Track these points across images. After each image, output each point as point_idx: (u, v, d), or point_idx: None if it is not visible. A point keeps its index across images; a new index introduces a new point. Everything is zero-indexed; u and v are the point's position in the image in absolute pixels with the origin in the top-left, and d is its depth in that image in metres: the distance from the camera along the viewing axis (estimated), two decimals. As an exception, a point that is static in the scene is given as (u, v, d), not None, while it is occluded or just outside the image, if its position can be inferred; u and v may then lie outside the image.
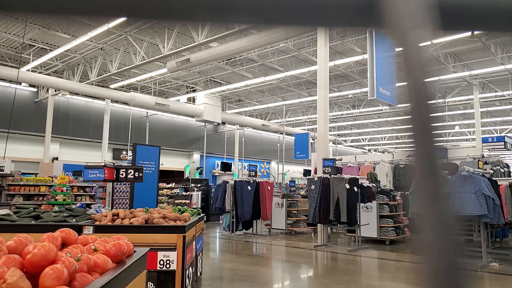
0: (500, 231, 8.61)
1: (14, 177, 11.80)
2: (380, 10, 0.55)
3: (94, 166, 6.54)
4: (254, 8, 0.60)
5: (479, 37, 12.24)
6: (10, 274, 1.33)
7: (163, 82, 20.13)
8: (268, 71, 17.29)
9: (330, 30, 10.75)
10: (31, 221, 3.93)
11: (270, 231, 11.41)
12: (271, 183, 11.22)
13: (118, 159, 20.75)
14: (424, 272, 0.49)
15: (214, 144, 25.35)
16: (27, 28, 13.13)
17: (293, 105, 23.33)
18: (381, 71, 8.64)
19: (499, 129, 27.00)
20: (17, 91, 16.96)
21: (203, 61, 13.76)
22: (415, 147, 0.52)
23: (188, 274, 4.13)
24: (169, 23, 6.59)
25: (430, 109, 0.52)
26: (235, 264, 6.70)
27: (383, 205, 9.55)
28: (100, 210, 4.75)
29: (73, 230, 2.02)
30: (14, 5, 0.58)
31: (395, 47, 0.56)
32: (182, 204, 13.06)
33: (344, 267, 5.61)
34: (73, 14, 0.60)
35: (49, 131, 18.34)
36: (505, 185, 7.29)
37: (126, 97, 18.05)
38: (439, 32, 0.59)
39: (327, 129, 9.74)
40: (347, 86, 19.06)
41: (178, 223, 4.11)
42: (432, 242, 0.50)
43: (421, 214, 0.51)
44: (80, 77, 16.84)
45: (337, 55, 15.00)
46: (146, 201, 8.38)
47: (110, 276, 1.67)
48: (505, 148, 13.15)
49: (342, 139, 33.13)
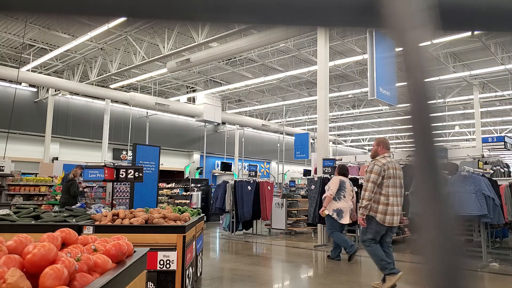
0: (500, 231, 8.61)
1: (14, 177, 11.81)
2: (380, 10, 0.55)
3: (94, 166, 6.54)
4: (254, 8, 0.60)
5: (479, 37, 12.24)
6: (10, 274, 1.33)
7: (163, 82, 20.13)
8: (268, 71, 17.29)
9: (330, 30, 10.75)
10: (31, 221, 3.93)
11: (270, 231, 11.41)
12: (271, 183, 11.22)
13: (118, 159, 20.75)
14: (424, 272, 0.49)
15: (214, 144, 25.35)
16: (27, 28, 13.13)
17: (293, 105, 23.33)
18: (381, 71, 8.64)
19: (499, 129, 27.00)
20: (17, 91, 16.96)
21: (203, 61, 13.76)
22: (415, 147, 0.52)
23: (188, 274, 4.13)
24: (169, 23, 6.59)
25: (430, 109, 0.52)
26: (235, 264, 6.70)
27: (383, 205, 9.54)
28: (100, 210, 4.75)
29: (73, 230, 2.02)
30: (14, 5, 0.58)
31: (395, 47, 0.56)
32: (182, 204, 13.06)
33: (344, 267, 5.61)
34: (73, 14, 0.60)
35: (49, 131, 18.33)
36: (505, 185, 7.30)
37: (126, 97, 18.05)
38: (439, 32, 0.59)
39: (327, 129, 9.74)
40: (347, 86, 19.06)
41: (178, 223, 4.11)
42: (432, 242, 0.50)
43: (421, 214, 0.51)
44: (80, 77, 16.84)
45: (337, 55, 15.00)
46: (146, 201, 8.38)
47: (110, 276, 1.68)
48: (505, 148, 13.15)
49: (342, 139, 33.13)
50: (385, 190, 4.84)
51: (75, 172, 9.29)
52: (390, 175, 4.85)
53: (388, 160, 4.96)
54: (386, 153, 5.06)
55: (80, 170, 9.15)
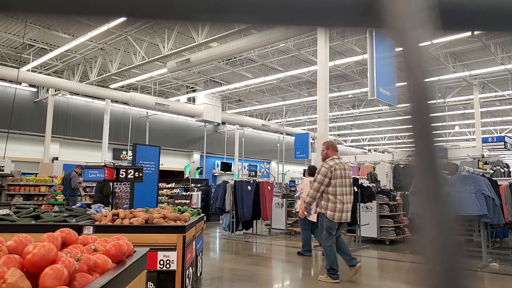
0: (500, 231, 8.61)
1: (14, 177, 11.81)
2: (380, 10, 0.55)
3: (94, 166, 6.54)
4: (254, 8, 0.60)
5: (479, 37, 12.24)
6: (10, 274, 1.33)
7: (163, 82, 20.13)
8: (268, 71, 17.29)
9: (330, 30, 10.75)
10: (31, 221, 3.93)
11: (270, 231, 11.41)
12: (271, 183, 11.22)
13: (118, 159, 20.75)
14: (424, 272, 0.49)
15: (214, 144, 25.35)
16: (27, 28, 13.13)
17: (293, 105, 23.32)
18: (381, 71, 8.64)
19: (499, 129, 26.99)
20: (17, 91, 16.96)
21: (203, 61, 13.75)
22: (415, 147, 0.52)
23: (188, 274, 4.13)
24: (169, 23, 6.59)
25: (430, 109, 0.52)
26: (235, 264, 6.70)
27: (383, 205, 9.55)
28: (100, 210, 4.75)
29: (73, 230, 2.02)
30: (14, 5, 0.58)
31: (395, 47, 0.56)
32: (182, 204, 13.06)
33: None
34: (73, 14, 0.60)
35: (49, 131, 18.33)
36: (505, 185, 7.30)
37: (126, 97, 18.05)
38: (439, 32, 0.59)
39: (327, 129, 9.74)
40: (347, 86, 19.06)
41: (178, 223, 4.11)
42: (432, 242, 0.50)
43: (421, 214, 0.51)
44: (80, 77, 16.84)
45: (337, 55, 15.00)
46: (146, 201, 8.37)
47: (110, 276, 1.68)
48: (505, 148, 13.16)
49: (342, 139, 33.13)
50: (332, 189, 5.27)
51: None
52: (337, 175, 5.28)
53: (336, 162, 5.38)
54: (334, 155, 5.49)
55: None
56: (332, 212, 5.22)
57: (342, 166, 5.36)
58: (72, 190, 10.97)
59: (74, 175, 10.94)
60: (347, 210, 5.28)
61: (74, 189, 10.99)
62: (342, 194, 5.27)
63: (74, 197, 11.11)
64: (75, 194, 11.20)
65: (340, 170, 5.30)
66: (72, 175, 10.94)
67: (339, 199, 5.25)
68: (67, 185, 11.01)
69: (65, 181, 11.17)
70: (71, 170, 11.25)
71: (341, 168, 5.32)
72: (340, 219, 5.24)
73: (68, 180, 10.96)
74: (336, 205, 5.23)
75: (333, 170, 5.27)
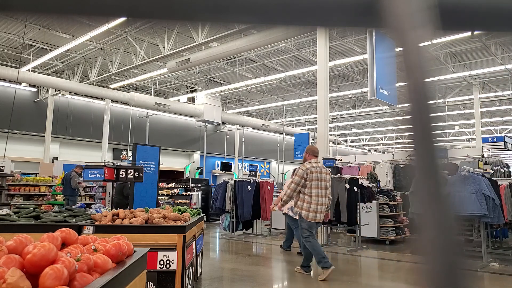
0: (500, 231, 8.61)
1: (14, 177, 11.81)
2: (380, 10, 0.55)
3: (94, 166, 6.54)
4: (254, 8, 0.60)
5: (479, 37, 12.24)
6: (10, 274, 1.33)
7: (163, 82, 20.13)
8: (268, 71, 17.29)
9: (330, 30, 10.76)
10: (31, 221, 3.93)
11: (270, 231, 11.41)
12: (271, 183, 11.22)
13: (118, 159, 20.75)
14: (424, 272, 0.49)
15: (214, 144, 25.35)
16: (27, 28, 13.13)
17: (293, 105, 23.33)
18: (381, 71, 8.64)
19: (499, 129, 26.99)
20: (17, 91, 16.96)
21: (203, 61, 13.75)
22: (415, 147, 0.52)
23: (188, 274, 4.13)
24: (169, 23, 6.58)
25: (430, 109, 0.52)
26: (235, 264, 6.70)
27: (383, 205, 9.55)
28: (100, 210, 4.75)
29: (73, 230, 2.02)
30: (14, 5, 0.58)
31: (395, 47, 0.56)
32: (182, 204, 13.06)
33: (344, 267, 5.61)
34: (73, 14, 0.60)
35: (49, 131, 18.33)
36: (505, 185, 7.29)
37: (126, 97, 18.05)
38: (439, 32, 0.59)
39: (327, 129, 9.74)
40: (347, 86, 19.06)
41: (178, 223, 4.11)
42: (432, 242, 0.50)
43: (421, 214, 0.51)
44: (80, 77, 16.84)
45: (337, 55, 15.00)
46: (146, 201, 8.38)
47: (110, 276, 1.68)
48: (505, 148, 13.16)
49: (342, 139, 33.13)
50: (308, 190, 5.57)
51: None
52: (312, 178, 5.57)
53: (313, 165, 5.67)
54: (313, 159, 5.82)
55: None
56: (307, 212, 5.53)
57: (319, 169, 5.66)
58: (72, 190, 11.07)
59: (74, 175, 11.03)
60: (321, 211, 5.59)
61: (74, 189, 11.10)
62: (318, 195, 5.57)
63: (74, 197, 11.14)
64: (75, 194, 11.23)
65: (316, 173, 5.60)
66: (72, 175, 11.03)
67: (314, 200, 5.55)
68: (67, 185, 11.09)
69: (65, 181, 11.23)
70: (71, 170, 11.31)
71: (317, 171, 5.62)
72: (315, 219, 5.53)
73: (68, 180, 11.05)
74: (311, 206, 5.54)
75: (309, 173, 5.58)
